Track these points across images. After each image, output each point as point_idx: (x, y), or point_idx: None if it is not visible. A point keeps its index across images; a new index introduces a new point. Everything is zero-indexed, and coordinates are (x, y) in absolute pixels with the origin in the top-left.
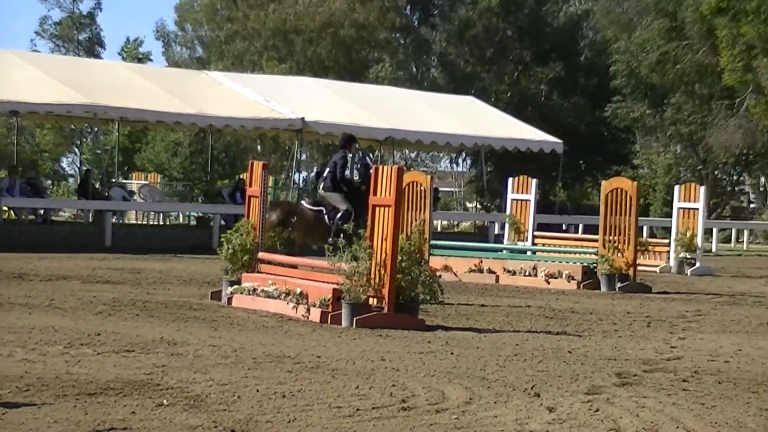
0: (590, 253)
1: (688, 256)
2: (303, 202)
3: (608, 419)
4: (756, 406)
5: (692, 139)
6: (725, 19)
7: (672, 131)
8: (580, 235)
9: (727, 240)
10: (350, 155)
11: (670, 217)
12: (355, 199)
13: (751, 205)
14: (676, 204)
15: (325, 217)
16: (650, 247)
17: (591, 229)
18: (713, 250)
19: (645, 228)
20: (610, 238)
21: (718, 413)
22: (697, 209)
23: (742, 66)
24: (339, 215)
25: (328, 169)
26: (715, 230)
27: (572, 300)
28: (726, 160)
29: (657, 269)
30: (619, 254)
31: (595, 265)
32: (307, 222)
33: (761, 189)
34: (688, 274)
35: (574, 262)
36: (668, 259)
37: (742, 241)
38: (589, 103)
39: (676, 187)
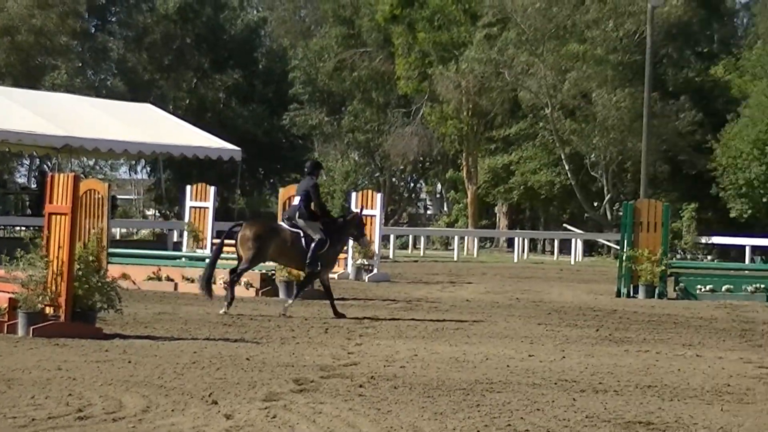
0: None
1: (366, 263)
2: (282, 222)
3: (285, 425)
4: (431, 410)
5: (369, 146)
6: (401, 27)
7: (350, 138)
8: None
9: (405, 246)
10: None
11: None
12: (330, 227)
13: (428, 212)
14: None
15: (302, 240)
16: None
17: None
18: (391, 256)
19: None
20: None
21: (393, 418)
22: (375, 216)
23: (418, 74)
24: (314, 243)
25: (298, 197)
26: (392, 237)
27: (251, 307)
28: (403, 167)
29: (335, 276)
30: None
31: (273, 272)
32: (283, 241)
33: (438, 195)
34: (366, 280)
35: (253, 270)
36: (346, 265)
37: (420, 247)
38: (268, 110)
39: (354, 194)
